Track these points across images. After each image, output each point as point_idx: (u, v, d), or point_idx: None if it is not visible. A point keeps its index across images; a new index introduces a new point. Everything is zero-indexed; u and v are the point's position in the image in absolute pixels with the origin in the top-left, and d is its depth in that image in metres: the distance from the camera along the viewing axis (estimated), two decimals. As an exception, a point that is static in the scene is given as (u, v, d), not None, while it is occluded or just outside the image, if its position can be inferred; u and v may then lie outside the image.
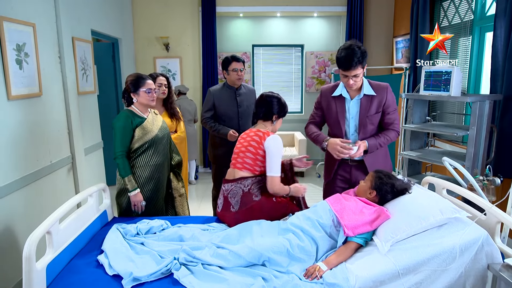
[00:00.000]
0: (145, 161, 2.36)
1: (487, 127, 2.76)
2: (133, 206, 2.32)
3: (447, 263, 1.56)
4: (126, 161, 2.31)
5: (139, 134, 2.33)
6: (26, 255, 1.46)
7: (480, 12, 3.64)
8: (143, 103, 2.38)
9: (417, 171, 3.38)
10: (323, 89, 2.38)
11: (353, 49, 2.06)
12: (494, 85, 3.12)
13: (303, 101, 6.00)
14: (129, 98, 2.40)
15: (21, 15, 2.66)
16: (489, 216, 1.76)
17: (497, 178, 2.20)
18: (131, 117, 2.32)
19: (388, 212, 1.78)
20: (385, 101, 2.24)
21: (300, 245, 1.75)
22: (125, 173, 2.29)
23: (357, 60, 2.05)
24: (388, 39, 5.52)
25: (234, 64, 2.96)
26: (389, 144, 2.32)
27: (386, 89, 2.25)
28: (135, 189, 2.30)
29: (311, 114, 2.48)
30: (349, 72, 2.09)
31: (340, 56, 2.10)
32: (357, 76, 2.11)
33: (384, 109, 2.25)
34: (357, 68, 2.08)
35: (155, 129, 2.41)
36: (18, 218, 2.56)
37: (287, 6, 5.43)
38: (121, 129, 2.29)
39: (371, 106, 2.23)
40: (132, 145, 2.33)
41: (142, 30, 5.40)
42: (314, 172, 5.62)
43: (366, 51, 2.13)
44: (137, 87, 2.34)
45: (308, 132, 2.43)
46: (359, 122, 2.25)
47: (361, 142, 2.18)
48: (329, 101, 2.31)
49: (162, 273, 1.65)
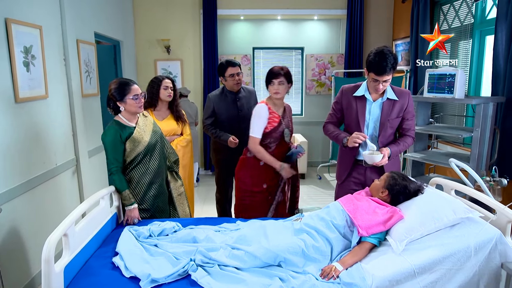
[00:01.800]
0: (144, 169, 2.29)
1: (490, 129, 2.80)
2: (125, 221, 2.23)
3: (462, 262, 1.59)
4: (121, 176, 2.22)
5: (130, 146, 2.22)
6: (45, 257, 1.46)
7: (480, 15, 3.71)
8: (131, 111, 2.21)
9: (420, 173, 3.43)
10: (345, 88, 2.38)
11: (386, 54, 2.07)
12: (495, 87, 3.17)
13: (303, 104, 6.03)
14: (115, 106, 2.22)
15: (28, 17, 2.65)
16: (500, 216, 1.79)
17: (504, 179, 2.24)
18: (119, 131, 2.19)
19: (401, 212, 1.81)
20: (406, 107, 2.27)
21: (315, 245, 1.77)
22: (122, 187, 2.21)
23: (391, 66, 2.08)
24: (388, 42, 5.58)
25: (230, 70, 2.90)
26: None
27: (408, 95, 2.29)
28: (132, 203, 2.22)
29: (329, 113, 2.47)
30: (381, 77, 2.11)
31: (373, 60, 2.10)
32: (387, 81, 2.14)
33: (404, 114, 2.28)
34: (390, 73, 2.11)
35: (146, 137, 2.29)
36: (24, 221, 2.55)
37: (287, 9, 5.47)
38: (111, 144, 2.17)
39: (393, 110, 2.26)
40: (126, 157, 2.24)
41: (143, 32, 5.40)
42: (315, 174, 5.65)
43: (397, 57, 2.16)
44: (122, 95, 2.16)
45: (327, 131, 2.43)
46: (380, 125, 2.27)
47: (385, 150, 2.19)
48: (350, 100, 2.32)
49: (179, 275, 1.65)
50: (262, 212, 2.51)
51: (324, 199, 4.61)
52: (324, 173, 5.71)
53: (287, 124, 2.52)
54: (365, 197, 1.97)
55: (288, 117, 2.57)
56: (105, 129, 2.23)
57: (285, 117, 2.53)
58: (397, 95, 2.26)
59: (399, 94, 2.27)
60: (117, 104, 2.20)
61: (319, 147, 5.97)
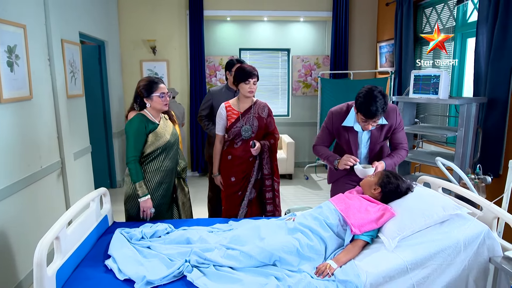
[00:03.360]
0: (157, 166, 2.33)
1: (474, 128, 2.90)
2: (142, 213, 2.27)
3: (452, 257, 1.64)
4: (138, 166, 2.26)
5: (152, 139, 2.29)
6: (37, 261, 1.43)
7: (461, 19, 3.82)
8: (157, 108, 2.32)
9: (407, 171, 3.50)
10: (333, 113, 2.31)
11: (376, 96, 1.99)
12: (477, 88, 3.28)
13: (289, 105, 6.07)
14: (141, 103, 2.33)
15: (12, 16, 2.58)
16: (486, 212, 1.86)
17: (488, 177, 2.32)
18: (144, 122, 2.27)
19: (392, 210, 1.85)
20: (394, 126, 2.25)
21: (310, 244, 1.79)
22: (137, 178, 2.25)
23: (381, 109, 2.01)
24: (372, 43, 5.69)
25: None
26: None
27: (394, 112, 2.23)
28: (146, 195, 2.26)
29: (319, 136, 2.43)
30: (371, 120, 2.06)
31: (362, 103, 2.02)
32: (376, 121, 2.09)
33: (393, 131, 2.26)
34: (380, 116, 2.06)
35: (167, 134, 2.38)
36: (10, 224, 2.48)
37: (274, 10, 5.50)
38: (134, 133, 2.24)
39: (382, 134, 2.24)
40: (145, 150, 2.29)
41: (128, 33, 5.33)
42: (302, 175, 5.69)
43: (387, 96, 2.07)
44: (150, 92, 2.28)
45: (317, 153, 2.40)
46: (370, 149, 2.28)
47: (378, 164, 2.17)
48: (339, 128, 2.28)
49: (174, 276, 1.64)
50: (233, 206, 2.59)
51: (311, 199, 4.65)
52: (311, 173, 5.76)
53: (248, 120, 2.53)
54: (356, 195, 2.01)
55: (255, 114, 2.56)
56: (130, 119, 2.31)
57: (248, 113, 2.55)
58: (385, 116, 2.20)
59: (387, 115, 2.20)
60: (144, 100, 2.30)
61: (306, 147, 6.01)
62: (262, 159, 2.55)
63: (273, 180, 2.60)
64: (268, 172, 2.57)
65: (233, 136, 2.55)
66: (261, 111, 2.59)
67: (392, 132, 2.27)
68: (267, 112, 2.62)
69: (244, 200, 2.57)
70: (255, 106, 2.59)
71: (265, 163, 2.56)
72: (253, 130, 2.53)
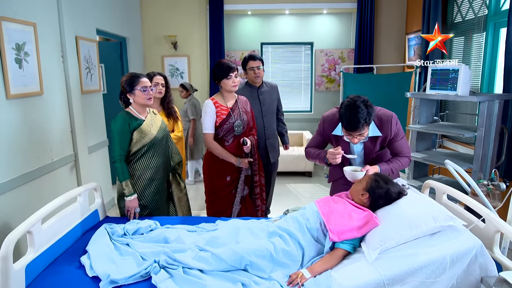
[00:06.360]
0: (145, 163, 2.33)
1: (496, 128, 2.61)
2: (127, 212, 2.27)
3: (437, 275, 1.46)
4: (124, 165, 2.27)
5: (137, 137, 2.28)
6: (3, 255, 1.45)
7: (494, 6, 3.46)
8: (140, 103, 2.31)
9: (423, 174, 3.24)
10: (325, 119, 2.17)
11: (359, 107, 1.82)
12: (507, 84, 2.94)
13: (312, 100, 5.89)
14: (126, 99, 2.35)
15: (20, 15, 2.68)
16: (488, 225, 1.65)
17: (503, 183, 2.07)
18: (128, 120, 2.27)
19: (377, 219, 1.69)
20: (390, 137, 2.05)
21: (285, 249, 1.69)
22: (123, 177, 2.25)
23: (364, 121, 1.83)
24: (400, 36, 5.34)
25: (251, 63, 3.02)
26: None
27: (389, 123, 2.01)
28: (132, 194, 2.26)
29: (312, 139, 2.30)
30: (354, 133, 1.90)
31: (343, 115, 1.87)
32: (362, 134, 1.91)
33: (389, 141, 2.07)
34: (364, 128, 1.89)
35: (154, 130, 2.36)
36: (17, 215, 2.59)
37: (295, 3, 5.33)
38: (118, 132, 2.24)
39: (376, 145, 2.07)
40: (131, 148, 2.29)
41: (150, 29, 5.42)
42: (322, 173, 5.51)
43: (372, 107, 1.88)
44: (132, 86, 2.28)
45: (308, 155, 2.27)
46: (365, 159, 2.12)
47: (370, 167, 2.00)
48: (331, 137, 2.17)
49: (141, 276, 1.62)
50: (226, 205, 2.55)
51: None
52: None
53: (238, 116, 2.52)
54: (342, 199, 1.87)
55: (242, 109, 2.57)
56: (115, 118, 2.30)
57: (236, 108, 2.54)
58: (379, 126, 2.02)
59: (380, 126, 2.02)
60: (127, 96, 2.30)
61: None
62: (253, 155, 2.53)
63: (260, 175, 2.61)
64: (257, 168, 2.56)
65: (224, 133, 2.49)
66: (246, 106, 2.59)
67: (388, 142, 2.07)
68: (249, 106, 2.63)
69: (236, 197, 2.53)
70: (239, 101, 2.58)
71: (255, 159, 2.54)
72: (243, 125, 2.50)
